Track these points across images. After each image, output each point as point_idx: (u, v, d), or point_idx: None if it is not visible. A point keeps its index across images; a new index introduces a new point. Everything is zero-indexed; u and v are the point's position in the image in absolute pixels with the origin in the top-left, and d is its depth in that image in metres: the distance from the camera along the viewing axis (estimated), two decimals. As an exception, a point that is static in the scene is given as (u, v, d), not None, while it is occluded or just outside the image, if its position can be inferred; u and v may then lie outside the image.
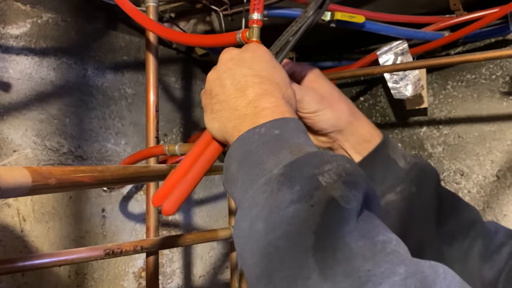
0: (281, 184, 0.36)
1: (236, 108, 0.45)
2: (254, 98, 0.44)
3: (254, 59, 0.48)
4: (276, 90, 0.45)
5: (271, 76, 0.47)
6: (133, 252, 0.81)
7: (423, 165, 0.60)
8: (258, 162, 0.40)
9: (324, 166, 0.36)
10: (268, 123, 0.42)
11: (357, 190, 0.35)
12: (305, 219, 0.33)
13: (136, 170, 0.58)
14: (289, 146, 0.40)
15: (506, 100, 1.14)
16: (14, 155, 0.93)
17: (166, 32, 0.72)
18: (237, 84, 0.46)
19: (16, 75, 0.94)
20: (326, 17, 0.97)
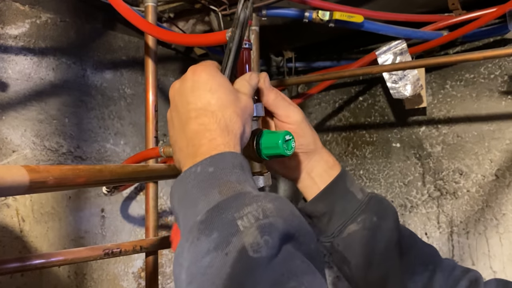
0: (201, 233, 0.37)
1: (181, 149, 0.47)
2: (192, 136, 0.45)
3: (193, 88, 0.48)
4: (211, 121, 0.46)
5: (206, 104, 0.46)
6: (132, 252, 0.81)
7: (381, 198, 0.62)
8: (192, 203, 0.41)
9: (244, 209, 0.37)
10: (204, 160, 0.43)
11: (271, 234, 0.35)
12: (218, 269, 0.34)
13: (134, 169, 0.58)
14: (220, 185, 0.40)
15: (505, 99, 1.14)
16: (13, 155, 0.93)
17: (156, 31, 0.72)
18: (180, 122, 0.48)
19: (15, 75, 0.94)
20: (325, 17, 0.97)
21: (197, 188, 0.41)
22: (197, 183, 0.42)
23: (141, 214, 1.19)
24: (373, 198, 0.61)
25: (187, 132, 0.46)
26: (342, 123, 1.43)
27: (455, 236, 1.19)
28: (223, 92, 0.48)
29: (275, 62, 1.41)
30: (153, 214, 0.90)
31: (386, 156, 1.33)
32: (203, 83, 0.48)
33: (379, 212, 0.59)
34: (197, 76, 0.49)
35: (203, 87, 0.48)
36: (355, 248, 0.58)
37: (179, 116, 0.48)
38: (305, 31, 1.15)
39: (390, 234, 0.58)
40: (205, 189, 0.41)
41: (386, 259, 0.58)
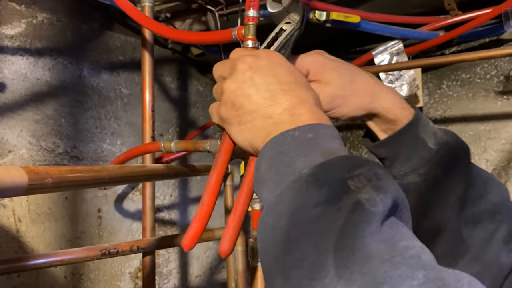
0: (310, 184, 0.36)
1: (270, 116, 0.44)
2: (288, 106, 0.43)
3: (273, 66, 0.46)
4: (307, 95, 0.45)
5: (296, 80, 0.46)
6: (129, 252, 0.81)
7: (454, 145, 0.57)
8: (289, 162, 0.39)
9: (354, 170, 0.36)
10: (302, 126, 0.41)
11: (386, 194, 0.34)
12: (329, 222, 0.33)
13: (132, 170, 0.58)
14: (321, 149, 0.39)
15: (501, 99, 1.14)
16: (10, 155, 0.92)
17: (163, 30, 0.72)
18: (264, 93, 0.45)
19: (11, 76, 0.93)
20: (322, 17, 0.97)
21: (296, 150, 0.39)
22: (296, 145, 0.40)
23: (138, 213, 1.19)
24: (445, 147, 0.56)
25: (282, 102, 0.43)
26: (339, 123, 1.43)
27: (451, 235, 1.20)
28: (303, 77, 0.48)
29: (272, 62, 1.41)
30: (150, 214, 0.90)
31: (382, 156, 1.34)
32: (284, 64, 0.47)
33: (448, 163, 0.55)
34: (274, 58, 0.47)
35: (285, 66, 0.47)
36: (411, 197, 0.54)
37: (259, 87, 0.45)
38: (302, 31, 1.15)
39: (453, 187, 0.55)
40: (305, 150, 0.39)
41: (444, 212, 0.55)
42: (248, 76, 0.46)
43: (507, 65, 1.13)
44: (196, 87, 1.41)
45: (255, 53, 0.48)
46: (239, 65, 0.47)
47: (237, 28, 0.57)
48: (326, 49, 1.34)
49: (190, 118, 1.37)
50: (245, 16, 0.56)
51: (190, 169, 0.84)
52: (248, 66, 0.47)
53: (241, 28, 0.56)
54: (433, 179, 0.55)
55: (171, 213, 1.30)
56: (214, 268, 1.41)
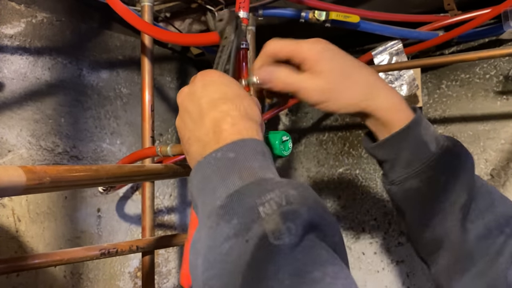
0: (220, 218, 0.36)
1: (199, 139, 0.44)
2: (211, 124, 0.43)
3: (204, 86, 0.47)
4: (231, 108, 0.44)
5: (223, 94, 0.45)
6: (128, 252, 0.81)
7: (457, 152, 0.55)
8: (211, 189, 0.39)
9: (266, 195, 0.35)
10: (224, 146, 0.41)
11: (294, 221, 0.33)
12: (237, 257, 0.33)
13: (131, 170, 0.58)
14: (240, 170, 0.39)
15: (500, 99, 1.14)
16: (9, 155, 0.92)
17: (152, 30, 0.73)
18: (195, 117, 0.45)
19: (10, 75, 0.93)
20: (321, 17, 0.98)
21: (216, 174, 0.40)
22: (217, 169, 0.40)
23: (138, 213, 1.19)
24: (448, 152, 0.53)
25: (206, 121, 0.44)
26: (339, 122, 1.43)
27: (451, 235, 1.20)
28: (236, 86, 0.47)
29: (272, 61, 1.41)
30: (150, 213, 0.90)
31: (382, 156, 1.34)
32: (216, 79, 0.47)
33: (451, 169, 0.52)
34: (207, 77, 0.48)
35: (216, 81, 0.47)
36: (412, 204, 0.53)
37: (191, 113, 0.46)
38: (302, 31, 1.15)
39: (456, 196, 0.52)
40: (225, 174, 0.39)
41: (446, 222, 0.52)
42: (184, 108, 0.48)
43: (507, 65, 1.13)
44: (196, 86, 1.41)
45: (191, 83, 0.49)
46: (179, 101, 0.49)
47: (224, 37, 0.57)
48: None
49: (189, 118, 1.37)
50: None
51: (190, 169, 0.84)
52: (182, 97, 0.49)
53: None
54: (436, 185, 0.52)
55: (170, 213, 1.30)
56: (213, 268, 1.41)
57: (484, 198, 0.54)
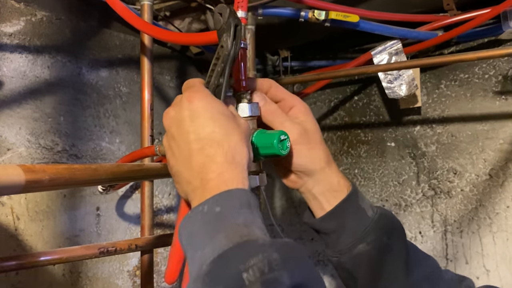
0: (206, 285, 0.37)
1: (189, 181, 0.45)
2: (198, 169, 0.44)
3: (192, 116, 0.46)
4: (218, 153, 0.44)
5: (211, 133, 0.45)
6: (127, 250, 0.82)
7: (389, 215, 0.61)
8: (199, 245, 0.41)
9: (249, 260, 0.36)
10: (211, 199, 0.42)
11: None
12: None
13: (130, 169, 0.58)
14: (226, 228, 0.40)
15: (499, 99, 1.14)
16: (8, 153, 0.92)
17: (151, 29, 0.73)
18: (182, 153, 0.46)
19: (10, 73, 0.93)
20: (320, 16, 0.98)
21: (203, 230, 0.41)
22: (204, 224, 0.41)
23: (137, 212, 1.19)
24: (383, 216, 0.59)
25: (193, 164, 0.45)
26: (337, 122, 1.44)
27: (449, 235, 1.20)
28: (224, 119, 0.47)
29: (271, 61, 1.41)
30: (149, 212, 0.91)
31: (381, 155, 1.34)
32: (203, 111, 0.46)
33: (389, 231, 0.58)
34: (194, 105, 0.47)
35: (204, 115, 0.46)
36: (363, 267, 0.57)
37: (179, 147, 0.46)
38: (301, 31, 1.15)
39: (399, 254, 0.57)
40: (211, 232, 0.40)
41: (393, 280, 0.57)
42: (171, 135, 0.48)
43: (506, 65, 1.13)
44: (195, 85, 1.40)
45: (178, 106, 0.48)
46: (165, 123, 0.49)
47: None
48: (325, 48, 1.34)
49: (189, 117, 1.37)
50: None
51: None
52: (170, 121, 0.48)
53: None
54: (381, 245, 0.57)
55: (169, 211, 1.30)
56: (212, 267, 1.42)
57: (414, 253, 0.59)
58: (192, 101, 0.47)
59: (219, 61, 0.51)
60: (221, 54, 0.51)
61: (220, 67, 0.51)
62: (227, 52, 0.50)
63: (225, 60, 0.51)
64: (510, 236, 1.12)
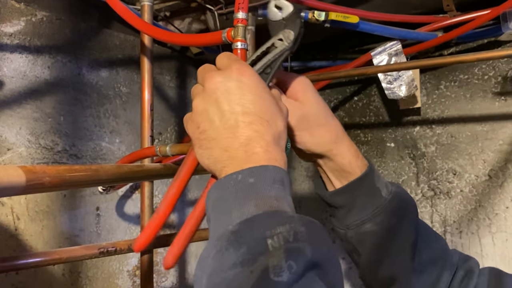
0: (230, 244, 0.37)
1: (226, 149, 0.44)
2: (244, 141, 0.43)
3: (241, 89, 0.45)
4: (266, 131, 0.44)
5: (260, 111, 0.45)
6: (127, 251, 0.82)
7: (404, 195, 0.60)
8: (226, 210, 0.41)
9: (276, 228, 0.37)
10: (246, 170, 0.42)
11: (297, 259, 0.35)
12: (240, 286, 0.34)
13: (130, 169, 0.58)
14: (257, 198, 0.40)
15: (498, 100, 1.15)
16: (8, 153, 0.92)
17: (152, 30, 0.73)
18: (226, 122, 0.44)
19: (10, 73, 0.94)
20: (320, 17, 0.98)
21: (234, 197, 0.41)
22: (235, 191, 0.41)
23: (137, 212, 1.19)
24: (397, 196, 0.58)
25: (238, 135, 0.44)
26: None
27: (448, 235, 1.20)
28: (272, 100, 0.46)
29: (271, 61, 1.41)
30: (149, 213, 0.91)
31: (380, 156, 1.34)
32: (254, 88, 0.46)
33: (400, 212, 0.58)
34: (246, 78, 0.46)
35: (255, 91, 0.45)
36: (368, 245, 0.57)
37: (223, 114, 0.44)
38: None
39: (407, 236, 0.57)
40: (242, 198, 0.40)
41: (398, 260, 0.57)
42: (214, 99, 0.45)
43: (505, 66, 1.13)
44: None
45: (226, 74, 0.46)
46: (207, 84, 0.46)
47: (226, 30, 0.57)
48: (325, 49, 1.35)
49: (189, 117, 1.37)
50: (234, 18, 0.57)
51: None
52: (215, 86, 0.46)
53: (231, 30, 0.57)
54: (390, 226, 0.57)
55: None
56: (212, 267, 1.42)
57: (422, 236, 0.59)
58: (243, 74, 0.46)
59: (271, 52, 0.50)
60: (277, 46, 0.50)
61: (273, 58, 0.50)
62: (287, 48, 0.49)
63: (281, 53, 0.50)
64: (509, 236, 1.12)
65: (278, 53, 0.50)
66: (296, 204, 1.48)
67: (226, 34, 0.57)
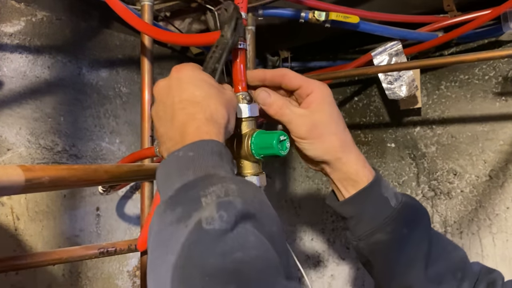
0: (167, 207, 0.41)
1: (170, 138, 0.49)
2: (180, 126, 0.48)
3: (178, 82, 0.51)
4: (198, 111, 0.48)
5: (192, 96, 0.49)
6: (127, 251, 0.82)
7: (415, 205, 0.60)
8: (169, 180, 0.45)
9: (209, 188, 0.41)
10: (186, 146, 0.46)
11: (227, 210, 0.38)
12: (176, 240, 0.38)
13: (129, 169, 0.58)
14: (195, 167, 0.44)
15: (499, 101, 1.14)
16: (8, 153, 0.92)
17: (152, 30, 0.73)
18: (167, 113, 0.50)
19: (10, 73, 0.94)
20: (321, 17, 0.98)
21: (175, 169, 0.45)
22: (177, 165, 0.45)
23: (137, 213, 1.19)
24: (407, 205, 0.58)
25: (175, 122, 0.48)
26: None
27: (449, 236, 1.20)
28: (207, 86, 0.51)
29: (271, 61, 1.41)
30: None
31: (381, 156, 1.34)
32: (188, 78, 0.51)
33: (411, 221, 0.58)
34: (182, 74, 0.51)
35: (188, 81, 0.51)
36: (379, 256, 0.57)
37: (165, 109, 0.50)
38: (301, 31, 1.15)
39: (418, 245, 0.57)
40: (182, 169, 0.44)
41: (410, 271, 0.56)
42: (159, 100, 0.52)
43: (506, 66, 1.13)
44: (195, 86, 1.41)
45: (168, 77, 0.53)
46: (155, 92, 0.53)
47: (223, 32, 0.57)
48: (326, 49, 1.35)
49: (189, 117, 1.37)
50: None
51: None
52: (159, 89, 0.52)
53: None
54: (400, 236, 0.57)
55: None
56: (212, 267, 1.42)
57: (437, 246, 0.59)
58: (180, 70, 0.52)
59: (217, 48, 0.56)
60: (220, 42, 0.56)
61: (218, 53, 0.55)
62: (226, 40, 0.55)
63: (223, 47, 0.55)
64: (510, 237, 1.12)
65: (222, 48, 0.56)
66: (296, 204, 1.48)
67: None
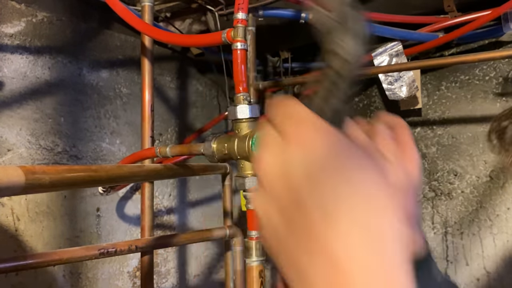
0: None
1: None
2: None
3: (309, 175, 0.25)
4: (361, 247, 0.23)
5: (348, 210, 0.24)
6: (127, 251, 0.81)
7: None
8: None
9: None
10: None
11: None
12: None
13: (130, 170, 0.58)
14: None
15: (499, 101, 1.14)
16: (9, 154, 0.92)
17: (152, 31, 0.73)
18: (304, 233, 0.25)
19: (10, 74, 0.94)
20: (321, 18, 0.97)
21: None
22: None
23: (137, 213, 1.19)
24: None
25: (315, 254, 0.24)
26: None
27: (450, 236, 1.20)
28: (366, 178, 0.25)
29: (272, 62, 1.41)
30: (149, 213, 0.90)
31: (381, 157, 1.34)
32: (327, 163, 0.25)
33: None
34: (309, 151, 0.25)
35: (332, 173, 0.25)
36: None
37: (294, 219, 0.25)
38: (302, 32, 1.15)
39: None
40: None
41: None
42: (276, 195, 0.27)
43: (506, 67, 1.13)
44: (196, 86, 1.41)
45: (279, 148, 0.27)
46: (260, 172, 0.29)
47: (226, 31, 0.57)
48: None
49: (189, 118, 1.37)
50: (234, 19, 0.57)
51: (189, 169, 0.84)
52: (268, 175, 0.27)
53: (230, 31, 0.57)
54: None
55: (169, 212, 1.30)
56: (212, 268, 1.42)
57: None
58: (305, 144, 0.26)
59: (329, 75, 0.29)
60: (334, 65, 0.28)
61: (332, 83, 0.29)
62: (348, 61, 0.28)
63: (345, 72, 0.28)
64: (510, 238, 1.12)
65: (342, 74, 0.29)
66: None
67: (226, 35, 0.57)
